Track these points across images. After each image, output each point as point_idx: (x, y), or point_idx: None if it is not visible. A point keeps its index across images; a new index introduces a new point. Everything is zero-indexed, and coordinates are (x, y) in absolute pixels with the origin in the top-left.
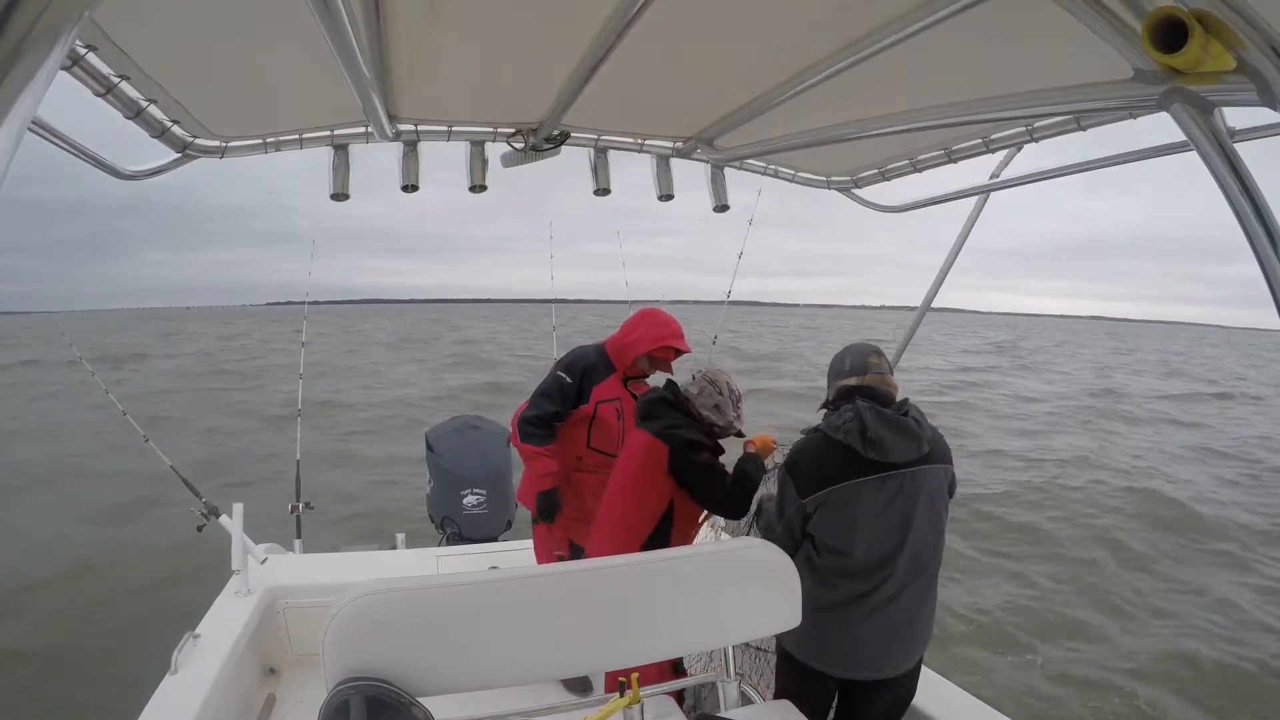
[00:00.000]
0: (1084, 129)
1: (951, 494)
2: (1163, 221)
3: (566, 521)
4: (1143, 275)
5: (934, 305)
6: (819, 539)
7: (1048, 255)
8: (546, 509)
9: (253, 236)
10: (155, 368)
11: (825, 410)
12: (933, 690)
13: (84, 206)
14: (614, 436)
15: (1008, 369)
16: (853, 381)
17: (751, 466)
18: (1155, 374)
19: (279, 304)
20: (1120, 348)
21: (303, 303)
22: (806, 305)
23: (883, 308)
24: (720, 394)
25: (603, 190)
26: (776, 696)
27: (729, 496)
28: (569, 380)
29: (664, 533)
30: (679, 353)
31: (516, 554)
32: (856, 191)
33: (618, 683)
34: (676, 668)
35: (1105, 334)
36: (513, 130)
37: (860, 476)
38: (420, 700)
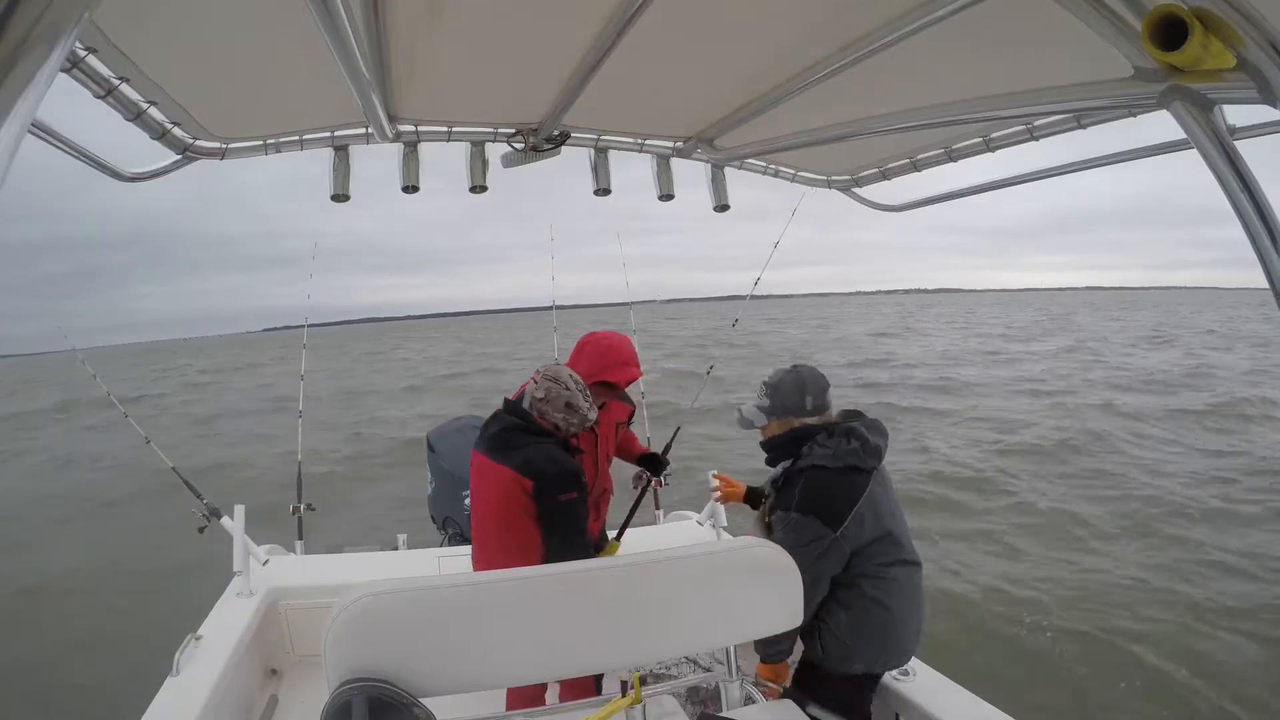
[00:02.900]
0: (1084, 127)
1: None
2: (1155, 188)
3: None
4: (1136, 244)
5: (927, 287)
6: (866, 547)
7: (1040, 231)
8: None
9: (244, 262)
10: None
11: (782, 448)
12: (931, 687)
13: (65, 243)
14: None
15: None
16: (815, 421)
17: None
18: None
19: (276, 329)
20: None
21: (300, 326)
22: (803, 295)
23: (877, 292)
24: (567, 388)
25: (603, 190)
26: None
27: (575, 546)
28: None
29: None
30: (627, 381)
31: None
32: (857, 190)
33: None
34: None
35: (1150, 305)
36: (513, 130)
37: (867, 485)
38: (422, 701)
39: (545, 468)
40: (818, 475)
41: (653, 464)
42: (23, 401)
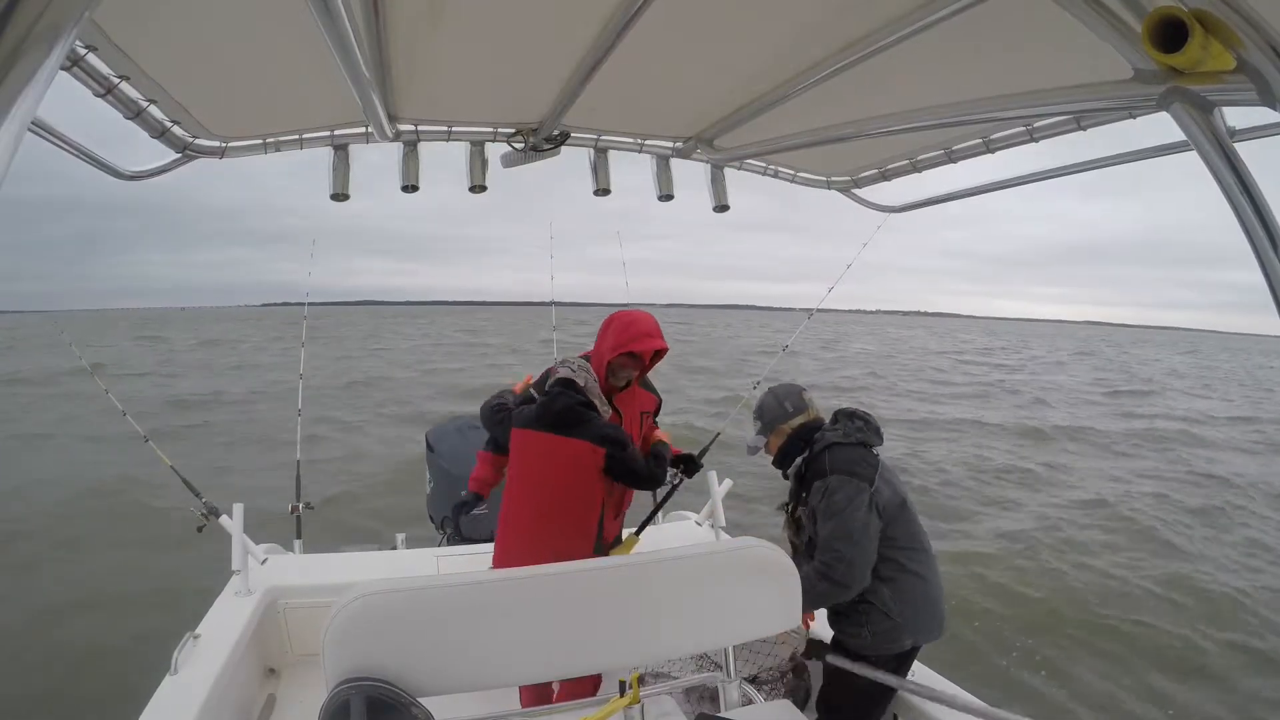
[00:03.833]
0: (1084, 129)
1: None
2: (1160, 227)
3: None
4: (1135, 281)
5: (927, 310)
6: (894, 518)
7: (1042, 261)
8: None
9: (246, 236)
10: None
11: (791, 450)
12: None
13: (74, 205)
14: None
15: None
16: (803, 419)
17: (662, 448)
18: None
19: (274, 305)
20: None
21: (300, 304)
22: (802, 310)
23: (878, 312)
24: (594, 377)
25: (602, 190)
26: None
27: (653, 476)
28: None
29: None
30: (657, 354)
31: None
32: (856, 191)
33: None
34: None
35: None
36: (513, 130)
37: (878, 458)
38: (420, 700)
39: (619, 436)
40: (839, 448)
41: (688, 465)
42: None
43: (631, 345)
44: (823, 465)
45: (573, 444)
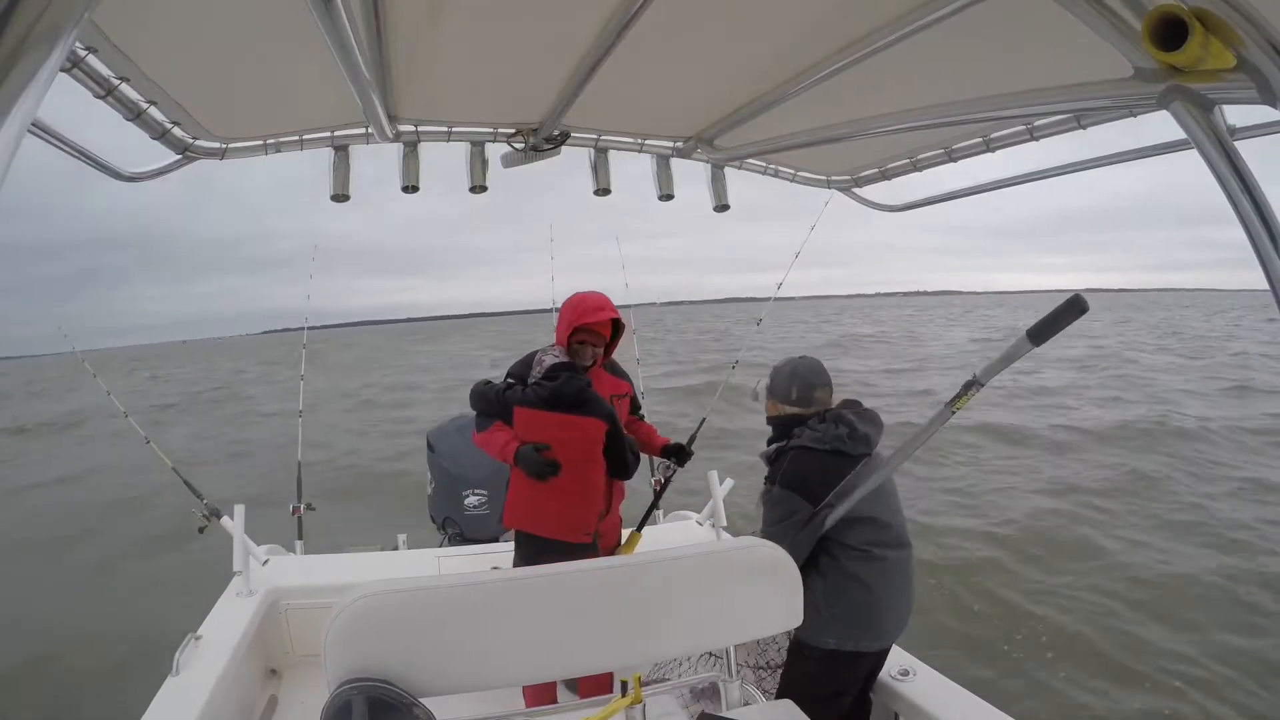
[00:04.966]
0: (1084, 128)
1: None
2: (1155, 188)
3: None
4: (1134, 245)
5: (928, 289)
6: (848, 527)
7: (1037, 231)
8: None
9: (240, 264)
10: None
11: (778, 429)
12: (931, 687)
13: (58, 245)
14: None
15: None
16: (796, 411)
17: (632, 443)
18: None
19: (275, 331)
20: None
21: (300, 329)
22: (802, 298)
23: (877, 294)
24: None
25: (603, 190)
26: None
27: (629, 463)
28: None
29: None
30: (616, 327)
31: None
32: (857, 191)
33: (606, 685)
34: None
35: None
36: (513, 130)
37: (850, 470)
38: (422, 700)
39: (616, 416)
40: (802, 455)
41: (678, 454)
42: None
43: (582, 319)
44: (778, 470)
45: (583, 421)
